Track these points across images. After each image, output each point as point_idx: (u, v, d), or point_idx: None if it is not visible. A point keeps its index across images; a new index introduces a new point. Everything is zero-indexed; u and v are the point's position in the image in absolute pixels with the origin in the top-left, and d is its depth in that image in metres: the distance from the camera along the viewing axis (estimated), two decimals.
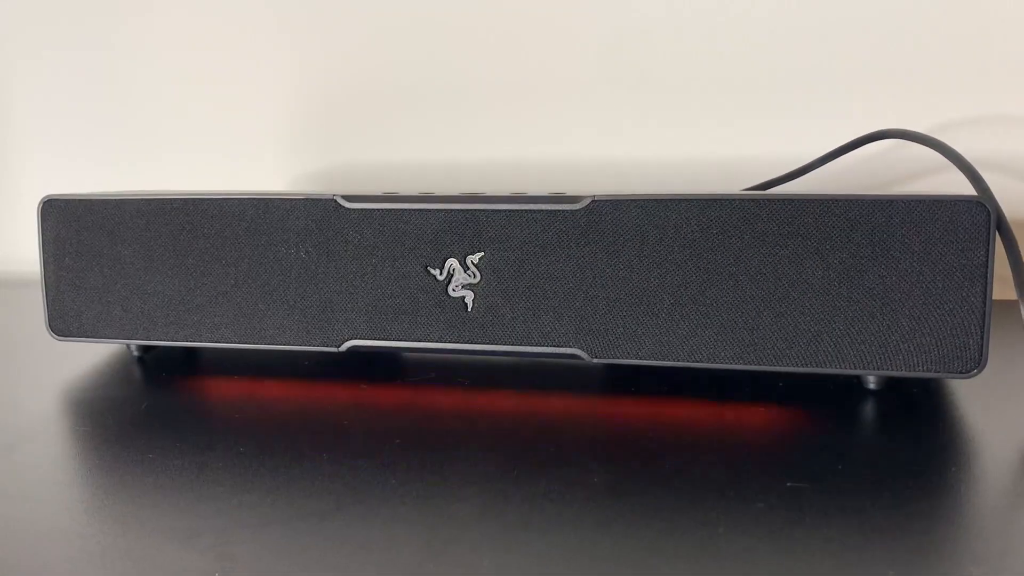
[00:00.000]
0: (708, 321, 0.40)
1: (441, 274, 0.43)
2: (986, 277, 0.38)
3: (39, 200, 0.47)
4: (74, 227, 0.47)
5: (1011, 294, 0.40)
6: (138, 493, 0.33)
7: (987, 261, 0.38)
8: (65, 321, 0.48)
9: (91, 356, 0.51)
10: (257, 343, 0.46)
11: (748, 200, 0.40)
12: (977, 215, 0.38)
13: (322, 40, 0.73)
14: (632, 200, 0.41)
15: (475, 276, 0.43)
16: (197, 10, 0.75)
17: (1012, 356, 0.43)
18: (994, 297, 0.38)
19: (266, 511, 0.31)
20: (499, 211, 0.42)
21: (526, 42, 0.69)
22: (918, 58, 0.63)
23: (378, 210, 0.43)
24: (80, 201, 0.47)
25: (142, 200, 0.46)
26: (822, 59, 0.64)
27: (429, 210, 0.43)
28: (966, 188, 0.42)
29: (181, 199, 0.46)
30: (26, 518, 0.31)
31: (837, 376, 0.41)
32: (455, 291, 0.43)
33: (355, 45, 0.72)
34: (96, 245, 0.47)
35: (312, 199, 0.44)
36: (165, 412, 0.43)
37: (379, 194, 0.44)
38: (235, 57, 0.75)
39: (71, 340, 0.48)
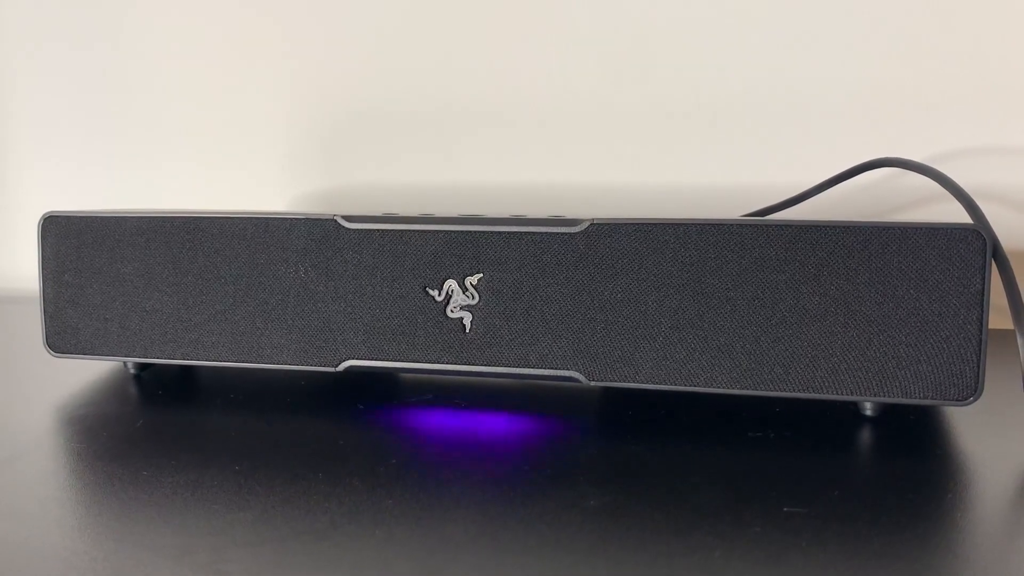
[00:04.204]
0: (706, 345, 0.41)
1: (440, 295, 0.43)
2: (982, 305, 0.38)
3: (40, 216, 0.47)
4: (74, 243, 0.47)
5: (1007, 323, 0.40)
6: (132, 510, 0.33)
7: (983, 289, 0.38)
8: (63, 338, 0.48)
9: (88, 373, 0.51)
10: (254, 362, 0.45)
11: (746, 225, 0.40)
12: (973, 243, 0.38)
13: (324, 61, 0.74)
14: (631, 224, 0.41)
15: (474, 298, 0.43)
16: (199, 29, 0.75)
17: (1008, 385, 0.43)
18: (990, 326, 0.39)
19: (261, 530, 0.31)
20: (498, 233, 0.42)
21: (527, 65, 0.70)
22: (916, 87, 0.63)
23: (377, 230, 0.44)
24: (81, 218, 0.47)
25: (142, 218, 0.46)
26: (821, 88, 0.65)
27: (428, 231, 0.43)
28: (963, 217, 0.42)
29: (181, 217, 0.46)
30: (19, 535, 0.31)
31: (834, 402, 0.41)
32: (453, 312, 0.43)
33: (357, 66, 0.73)
34: (96, 262, 0.47)
35: (312, 219, 0.44)
36: (160, 430, 0.43)
37: (379, 215, 0.44)
38: (237, 77, 0.75)
39: (68, 357, 0.48)
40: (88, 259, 0.47)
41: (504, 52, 0.70)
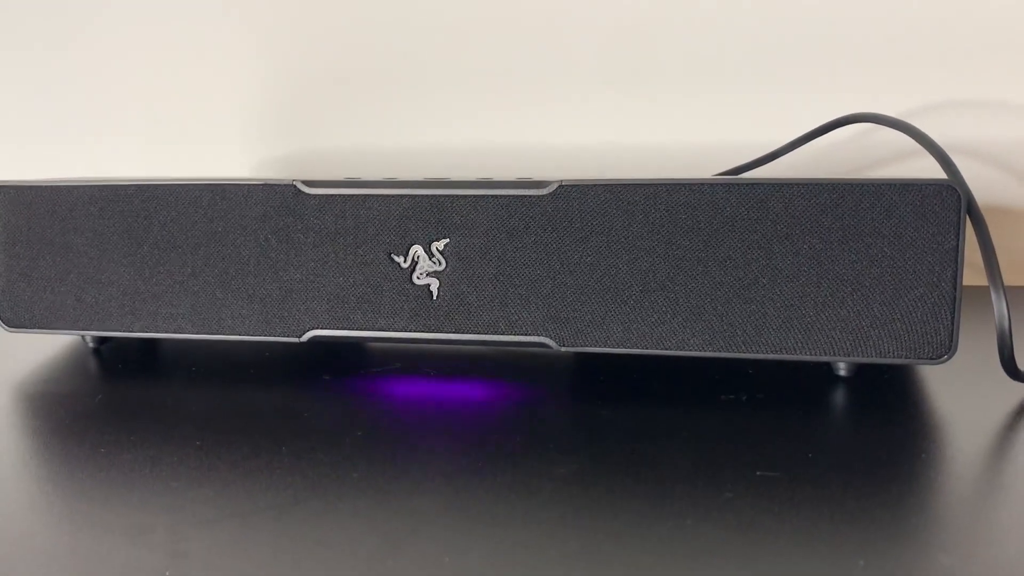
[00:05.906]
0: (677, 308, 0.40)
1: (405, 262, 0.42)
2: (956, 262, 0.37)
3: None
4: (25, 214, 0.45)
5: (981, 279, 0.40)
6: (88, 488, 0.32)
7: (958, 246, 0.37)
8: (16, 312, 0.46)
9: (46, 348, 0.50)
10: (216, 334, 0.44)
11: (717, 185, 0.39)
12: (948, 199, 0.37)
13: (287, 24, 0.71)
14: (600, 185, 0.40)
15: (440, 264, 0.42)
16: None
17: (982, 342, 0.42)
18: (964, 283, 0.38)
19: (221, 506, 0.30)
20: (465, 196, 0.41)
21: (491, 27, 0.68)
22: (890, 42, 0.62)
23: (339, 196, 0.42)
24: (31, 187, 0.45)
25: (95, 186, 0.45)
26: (794, 43, 0.64)
27: (392, 195, 0.42)
28: (937, 173, 0.41)
29: (135, 185, 0.44)
30: None
31: (807, 363, 0.41)
32: (420, 279, 0.42)
33: (320, 29, 0.71)
34: (48, 233, 0.45)
35: (271, 184, 0.43)
36: (120, 405, 0.41)
37: (341, 179, 0.43)
38: (198, 42, 0.73)
39: (23, 332, 0.47)
40: (39, 230, 0.45)
41: (468, 13, 0.68)
